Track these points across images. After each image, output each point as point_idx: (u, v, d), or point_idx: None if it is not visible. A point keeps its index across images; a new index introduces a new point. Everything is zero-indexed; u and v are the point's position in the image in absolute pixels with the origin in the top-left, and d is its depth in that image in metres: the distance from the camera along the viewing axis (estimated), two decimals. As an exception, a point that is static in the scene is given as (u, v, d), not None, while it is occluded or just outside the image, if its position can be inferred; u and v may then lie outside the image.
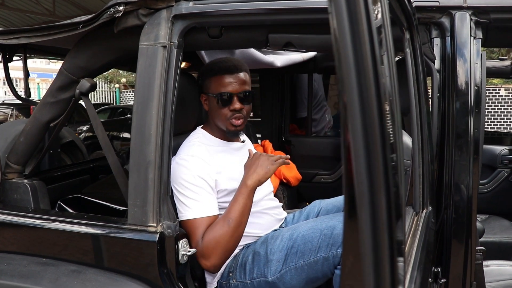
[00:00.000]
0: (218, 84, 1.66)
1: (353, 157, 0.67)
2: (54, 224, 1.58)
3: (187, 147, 1.67)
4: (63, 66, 1.70)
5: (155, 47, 1.43)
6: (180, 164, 1.59)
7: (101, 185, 2.74)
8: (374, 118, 0.65)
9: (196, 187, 1.56)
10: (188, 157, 1.61)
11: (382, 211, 0.67)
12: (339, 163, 3.29)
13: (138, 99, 1.44)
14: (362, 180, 0.67)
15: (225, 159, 1.69)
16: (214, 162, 1.63)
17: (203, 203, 1.56)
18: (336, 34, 0.66)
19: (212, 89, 1.68)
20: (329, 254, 1.53)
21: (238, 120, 1.68)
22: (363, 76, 0.64)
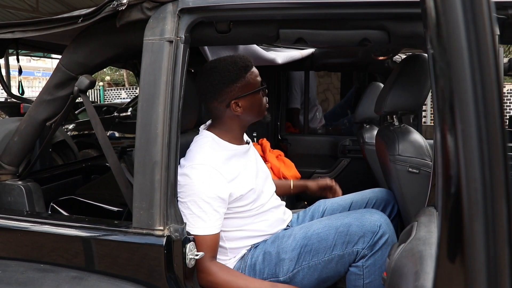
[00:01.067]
0: (253, 79, 1.62)
1: (462, 160, 0.56)
2: (52, 228, 1.51)
3: (198, 153, 1.57)
4: (60, 62, 1.61)
5: (160, 42, 1.37)
6: (189, 173, 1.50)
7: (94, 185, 2.66)
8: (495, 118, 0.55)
9: (204, 203, 1.49)
10: (199, 165, 1.52)
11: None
12: (336, 161, 3.26)
13: (143, 97, 1.38)
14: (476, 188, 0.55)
15: (237, 165, 1.63)
16: (226, 170, 1.56)
17: (207, 222, 1.50)
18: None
19: (250, 86, 1.62)
20: (344, 252, 1.50)
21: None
22: (482, 69, 0.57)
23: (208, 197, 1.48)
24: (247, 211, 1.64)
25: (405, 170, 1.50)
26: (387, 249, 1.49)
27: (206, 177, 1.50)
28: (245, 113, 1.64)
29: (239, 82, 1.59)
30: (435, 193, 1.14)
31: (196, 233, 1.47)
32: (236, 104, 1.61)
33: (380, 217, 1.53)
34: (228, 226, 1.62)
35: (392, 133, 1.60)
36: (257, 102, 1.65)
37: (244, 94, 1.60)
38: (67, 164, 2.87)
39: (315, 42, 1.41)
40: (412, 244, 0.90)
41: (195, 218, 1.48)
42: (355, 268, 1.52)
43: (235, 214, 1.62)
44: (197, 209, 1.48)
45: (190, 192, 1.49)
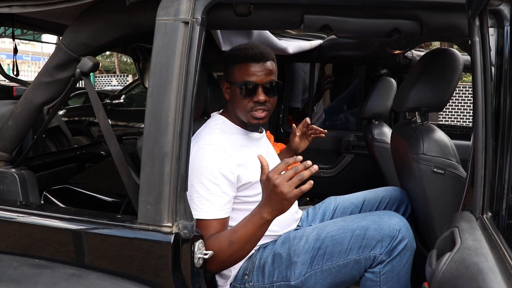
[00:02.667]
0: (242, 73, 1.52)
1: None
2: (49, 221, 1.40)
3: (207, 134, 1.51)
4: (62, 42, 1.49)
5: (175, 23, 1.26)
6: (197, 153, 1.43)
7: (89, 174, 2.55)
8: None
9: (213, 184, 1.41)
10: (208, 146, 1.44)
11: None
12: (339, 157, 3.18)
13: (154, 82, 1.27)
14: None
15: (247, 151, 1.55)
16: (236, 153, 1.48)
17: (216, 205, 1.41)
18: None
19: (236, 77, 1.53)
20: (361, 257, 1.42)
21: (261, 113, 1.54)
22: None
23: (216, 178, 1.41)
24: (256, 202, 1.54)
25: (429, 170, 1.42)
26: (406, 255, 1.41)
27: (214, 157, 1.42)
28: (230, 102, 1.59)
29: (231, 67, 1.55)
30: (472, 197, 1.05)
31: (204, 217, 1.39)
32: (227, 86, 1.58)
33: (400, 221, 1.44)
34: (236, 220, 1.52)
35: (414, 130, 1.52)
36: (235, 97, 1.55)
37: (229, 81, 1.56)
38: (61, 151, 2.75)
39: (342, 30, 1.31)
40: (462, 254, 0.81)
41: (202, 201, 1.40)
42: (371, 274, 1.44)
43: (244, 205, 1.53)
44: (205, 191, 1.40)
45: (198, 174, 1.40)
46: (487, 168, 1.04)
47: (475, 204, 1.04)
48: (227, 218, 1.45)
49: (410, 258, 1.43)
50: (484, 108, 1.05)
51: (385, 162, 2.39)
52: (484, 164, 1.05)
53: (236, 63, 1.53)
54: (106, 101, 6.78)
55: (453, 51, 1.49)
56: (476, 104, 1.05)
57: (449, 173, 1.40)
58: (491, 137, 1.04)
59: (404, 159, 1.61)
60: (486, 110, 1.05)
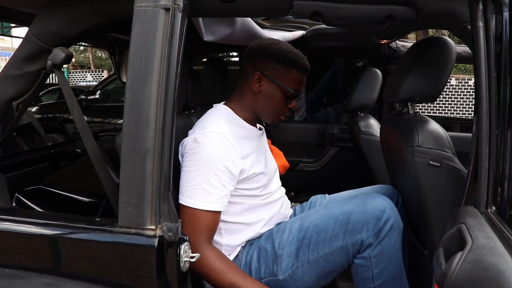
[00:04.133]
0: (295, 80, 1.49)
1: None
2: (21, 226, 1.28)
3: (213, 122, 1.43)
4: (30, 31, 1.38)
5: (155, 9, 1.16)
6: (201, 140, 1.35)
7: (65, 174, 2.43)
8: None
9: (213, 174, 1.34)
10: (213, 134, 1.37)
11: None
12: (323, 150, 3.13)
13: (133, 73, 1.17)
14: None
15: (251, 144, 1.49)
16: (240, 145, 1.41)
17: (213, 196, 1.34)
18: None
19: (285, 80, 1.48)
20: (347, 242, 1.38)
21: (284, 117, 1.58)
22: None
23: (218, 169, 1.34)
24: (254, 196, 1.49)
25: (425, 163, 1.36)
26: (394, 234, 1.38)
27: (219, 146, 1.35)
28: (260, 97, 1.51)
29: (278, 64, 1.47)
30: (476, 190, 0.99)
31: (198, 207, 1.33)
32: (259, 78, 1.48)
33: (383, 201, 1.41)
34: (229, 213, 1.46)
35: (408, 122, 1.46)
36: (275, 98, 1.50)
37: (273, 77, 1.47)
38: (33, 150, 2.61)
39: (333, 17, 1.23)
40: (476, 253, 0.75)
41: (199, 191, 1.33)
42: (361, 260, 1.40)
43: (242, 198, 1.47)
44: (203, 180, 1.33)
45: (199, 161, 1.34)
46: (491, 160, 0.99)
47: (479, 198, 0.99)
48: (220, 213, 1.38)
49: (398, 238, 1.40)
50: (488, 97, 0.99)
51: (372, 154, 2.34)
52: (488, 156, 0.99)
53: (294, 68, 1.48)
54: (81, 97, 6.59)
55: (446, 39, 1.44)
56: (479, 93, 0.99)
57: (445, 165, 1.35)
58: (495, 127, 0.99)
59: (397, 152, 1.55)
60: (490, 100, 0.99)
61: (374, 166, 2.34)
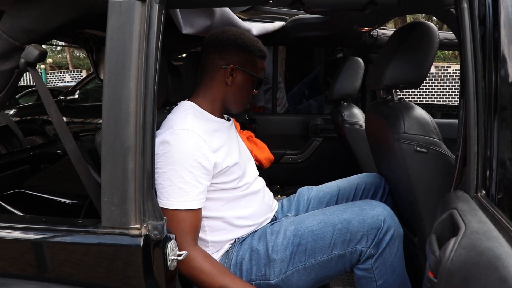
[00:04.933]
0: (260, 68, 1.55)
1: None
2: (1, 232, 1.24)
3: (179, 119, 1.39)
4: (0, 28, 1.32)
5: (130, 1, 1.12)
6: (170, 139, 1.32)
7: (45, 176, 2.37)
8: None
9: (187, 172, 1.30)
10: (183, 131, 1.33)
11: None
12: (307, 141, 3.11)
13: (110, 68, 1.13)
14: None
15: (221, 137, 1.45)
16: (210, 139, 1.38)
17: (190, 194, 1.31)
18: None
19: (255, 69, 1.53)
20: (346, 251, 1.35)
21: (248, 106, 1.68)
22: None
23: (190, 165, 1.31)
24: (231, 189, 1.46)
25: (412, 149, 1.35)
26: (395, 244, 1.35)
27: (188, 143, 1.32)
28: (232, 89, 1.51)
29: (249, 56, 1.51)
30: (465, 175, 0.98)
31: (178, 207, 1.30)
32: (232, 71, 1.49)
33: (383, 210, 1.37)
34: (209, 209, 1.43)
35: (393, 109, 1.45)
36: (246, 88, 1.54)
37: (244, 69, 1.50)
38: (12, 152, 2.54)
39: (314, 4, 1.21)
40: (471, 239, 0.74)
41: (175, 190, 1.30)
42: (364, 272, 1.37)
43: (219, 193, 1.44)
44: (178, 179, 1.30)
45: (171, 160, 1.30)
46: (479, 143, 0.98)
47: (469, 183, 0.98)
48: (200, 209, 1.36)
49: (400, 246, 1.37)
50: (475, 81, 0.98)
51: (357, 144, 2.33)
52: (477, 139, 0.98)
53: (259, 57, 1.53)
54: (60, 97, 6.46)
55: (429, 24, 1.42)
56: (466, 76, 0.98)
57: (432, 151, 1.34)
58: (483, 112, 0.98)
59: (383, 139, 1.54)
60: (477, 83, 0.98)
61: (359, 155, 2.34)
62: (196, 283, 1.35)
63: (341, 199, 1.76)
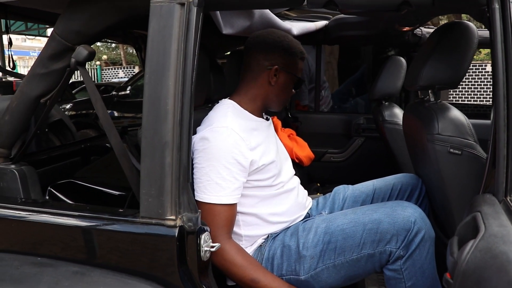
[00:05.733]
0: (300, 69, 1.62)
1: None
2: (50, 217, 1.35)
3: (220, 117, 1.46)
4: (55, 31, 1.43)
5: (170, 5, 1.18)
6: (209, 136, 1.38)
7: (94, 168, 2.50)
8: None
9: (224, 168, 1.36)
10: (221, 128, 1.39)
11: None
12: (349, 140, 3.10)
13: (150, 68, 1.20)
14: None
15: (259, 135, 1.51)
16: (248, 137, 1.43)
17: (226, 189, 1.37)
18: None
19: (295, 69, 1.59)
20: (375, 251, 1.35)
21: None
22: None
23: (228, 162, 1.36)
24: (267, 187, 1.50)
25: (445, 151, 1.34)
26: (425, 246, 1.34)
27: (227, 140, 1.38)
28: (274, 88, 1.57)
29: (292, 58, 1.57)
30: (494, 178, 0.97)
31: (214, 201, 1.36)
32: (276, 71, 1.54)
33: (414, 211, 1.36)
34: (244, 205, 1.48)
35: (428, 110, 1.43)
36: (287, 89, 1.60)
37: (288, 70, 1.56)
38: (65, 145, 2.70)
39: (348, 5, 1.22)
40: (488, 242, 0.74)
41: (212, 185, 1.36)
42: (393, 272, 1.37)
43: (254, 190, 1.48)
44: (216, 175, 1.36)
45: (210, 156, 1.36)
46: (509, 146, 0.97)
47: (497, 186, 0.97)
48: (235, 205, 1.41)
49: (431, 248, 1.36)
50: (506, 82, 0.97)
51: (397, 144, 2.30)
52: (506, 142, 0.97)
53: (300, 59, 1.59)
54: (113, 93, 6.75)
55: (467, 24, 1.40)
56: (497, 78, 0.97)
57: (466, 153, 1.32)
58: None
59: (418, 140, 1.53)
60: (508, 84, 0.97)
61: (398, 155, 2.31)
62: (229, 275, 1.40)
63: (377, 199, 1.76)
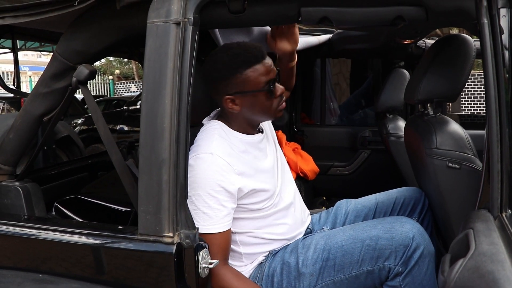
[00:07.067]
0: (260, 74, 1.38)
1: None
2: (51, 234, 1.37)
3: (206, 142, 1.41)
4: (57, 51, 1.46)
5: (166, 24, 1.21)
6: (194, 164, 1.34)
7: (101, 183, 2.52)
8: None
9: (210, 197, 1.33)
10: (206, 155, 1.35)
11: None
12: (355, 153, 3.09)
13: (147, 86, 1.22)
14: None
15: (248, 157, 1.46)
16: (236, 161, 1.39)
17: (213, 218, 1.33)
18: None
19: (252, 83, 1.38)
20: (374, 267, 1.34)
21: (284, 103, 1.48)
22: None
23: (214, 190, 1.32)
24: (261, 209, 1.47)
25: (444, 165, 1.33)
26: (424, 262, 1.33)
27: (212, 167, 1.33)
28: (244, 112, 1.44)
29: (233, 78, 1.38)
30: (489, 193, 0.96)
31: (202, 231, 1.30)
32: (231, 101, 1.41)
33: (412, 227, 1.35)
34: (241, 227, 1.46)
35: (427, 123, 1.43)
36: (258, 104, 1.42)
37: (240, 91, 1.39)
38: (72, 161, 2.74)
39: (342, 21, 1.23)
40: (476, 260, 0.73)
41: (200, 215, 1.32)
42: None
43: (249, 213, 1.45)
44: (202, 204, 1.32)
45: (194, 185, 1.32)
46: (504, 161, 0.96)
47: (492, 202, 0.96)
48: (227, 231, 1.36)
49: (430, 264, 1.34)
50: (498, 96, 0.96)
51: (401, 157, 2.29)
52: (500, 157, 0.96)
53: (248, 68, 1.37)
54: (124, 107, 6.83)
55: (464, 37, 1.40)
56: (488, 92, 0.96)
57: (465, 167, 1.31)
58: (507, 127, 0.96)
59: (418, 154, 1.52)
60: (499, 98, 0.96)
61: (403, 168, 2.30)
62: None
63: (379, 213, 1.74)
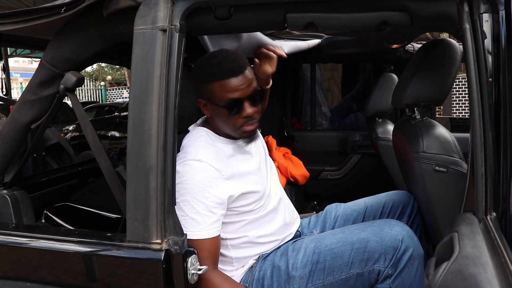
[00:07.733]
0: (224, 90, 1.37)
1: None
2: (40, 242, 1.36)
3: (193, 149, 1.41)
4: (44, 58, 1.46)
5: (153, 31, 1.21)
6: (181, 170, 1.34)
7: (91, 190, 2.51)
8: None
9: (198, 202, 1.33)
10: (194, 162, 1.35)
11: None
12: (346, 158, 3.10)
13: (134, 93, 1.22)
14: None
15: (236, 160, 1.46)
16: (224, 166, 1.39)
17: (202, 224, 1.33)
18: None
19: (217, 96, 1.39)
20: (364, 270, 1.35)
21: (252, 126, 1.44)
22: None
23: (203, 196, 1.33)
24: (252, 211, 1.48)
25: (431, 169, 1.34)
26: (414, 264, 1.34)
27: (200, 173, 1.34)
28: (213, 119, 1.46)
29: (203, 85, 1.42)
30: (474, 196, 0.97)
31: (191, 237, 1.30)
32: (204, 104, 1.45)
33: (401, 230, 1.36)
34: (231, 232, 1.47)
35: (414, 127, 1.44)
36: (221, 117, 1.42)
37: (207, 99, 1.42)
38: (62, 168, 2.72)
39: (328, 27, 1.24)
40: (459, 264, 0.74)
41: (188, 221, 1.32)
42: None
43: (240, 216, 1.46)
44: (190, 210, 1.32)
45: (183, 191, 1.32)
46: (487, 164, 0.97)
47: (477, 205, 0.96)
48: (215, 237, 1.36)
49: (420, 267, 1.35)
50: (481, 100, 0.97)
51: (391, 161, 2.31)
52: (484, 160, 0.97)
53: (214, 81, 1.38)
54: (115, 114, 6.81)
55: (449, 41, 1.41)
56: (471, 96, 0.98)
57: (452, 170, 1.32)
58: (490, 131, 0.97)
59: (405, 158, 1.53)
60: (482, 102, 0.97)
61: (393, 172, 2.31)
62: None
63: (368, 217, 1.75)
